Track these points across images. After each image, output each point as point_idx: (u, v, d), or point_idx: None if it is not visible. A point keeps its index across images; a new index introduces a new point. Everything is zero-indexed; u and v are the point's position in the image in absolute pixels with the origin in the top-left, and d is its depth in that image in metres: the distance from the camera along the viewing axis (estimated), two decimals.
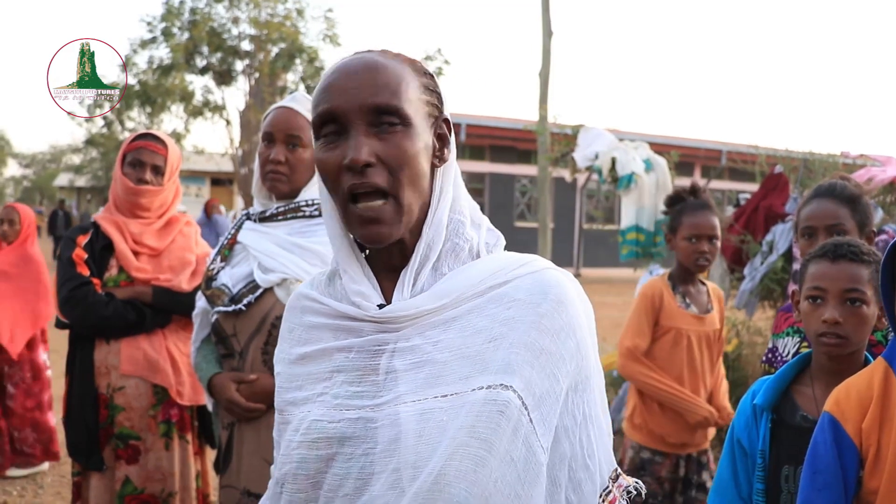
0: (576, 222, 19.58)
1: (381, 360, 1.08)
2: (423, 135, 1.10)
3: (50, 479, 4.62)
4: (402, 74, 1.10)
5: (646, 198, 6.26)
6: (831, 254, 1.83)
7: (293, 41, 18.78)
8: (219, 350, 2.17)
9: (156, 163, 2.76)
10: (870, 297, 1.79)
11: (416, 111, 1.09)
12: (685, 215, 3.00)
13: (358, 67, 1.09)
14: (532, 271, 1.12)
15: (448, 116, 1.18)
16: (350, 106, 1.06)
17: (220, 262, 2.19)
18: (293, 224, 2.14)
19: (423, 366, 1.06)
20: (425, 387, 1.05)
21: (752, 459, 1.85)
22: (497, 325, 1.07)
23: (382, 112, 1.06)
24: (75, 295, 2.61)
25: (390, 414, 1.04)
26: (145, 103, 19.29)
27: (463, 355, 1.05)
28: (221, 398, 2.08)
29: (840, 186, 2.26)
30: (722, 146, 19.31)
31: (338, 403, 1.08)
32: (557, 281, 1.11)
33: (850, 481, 1.58)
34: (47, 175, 51.41)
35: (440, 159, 1.15)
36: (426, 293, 1.10)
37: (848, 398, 1.62)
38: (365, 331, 1.11)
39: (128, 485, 2.64)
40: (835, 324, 1.77)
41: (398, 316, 1.09)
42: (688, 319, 3.03)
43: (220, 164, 23.84)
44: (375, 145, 1.06)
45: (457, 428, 1.00)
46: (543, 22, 13.13)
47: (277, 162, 2.10)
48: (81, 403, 2.65)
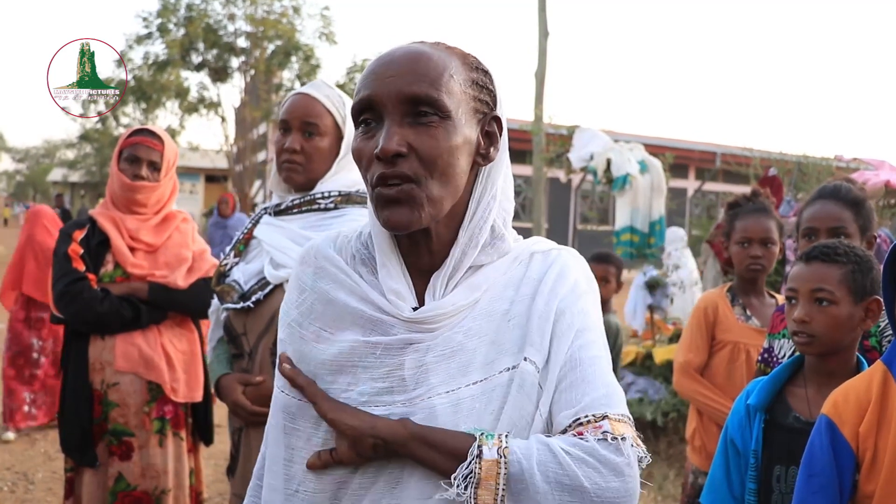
0: (570, 223, 19.60)
1: (412, 356, 1.07)
2: (463, 129, 1.07)
3: (41, 476, 4.61)
4: (447, 66, 1.07)
5: (640, 199, 6.29)
6: (806, 256, 1.89)
7: (289, 38, 18.75)
8: (230, 350, 2.08)
9: (152, 159, 2.75)
10: (839, 297, 1.81)
11: (457, 104, 1.06)
12: (738, 219, 2.82)
13: (400, 56, 1.07)
14: (537, 251, 1.17)
15: (501, 115, 1.15)
16: (386, 94, 1.04)
17: (234, 258, 2.11)
18: (308, 217, 2.04)
19: (453, 356, 1.07)
20: (458, 376, 1.06)
21: (745, 459, 1.87)
22: (513, 306, 1.10)
23: (419, 102, 1.04)
24: (71, 290, 2.60)
25: (425, 407, 1.04)
26: (140, 99, 19.23)
27: (489, 341, 1.08)
28: (228, 400, 2.00)
29: (845, 189, 2.26)
30: (717, 148, 19.34)
31: (365, 401, 1.07)
32: (560, 256, 1.16)
33: (846, 484, 1.58)
34: (41, 170, 51.18)
35: (485, 158, 1.11)
36: (459, 289, 1.11)
37: (846, 401, 1.63)
38: (396, 330, 1.09)
39: (121, 481, 2.63)
40: (802, 322, 1.82)
41: (435, 316, 1.08)
42: (747, 333, 2.76)
43: (215, 160, 23.78)
44: (409, 135, 1.04)
45: (488, 414, 1.04)
46: (540, 22, 13.12)
47: (293, 151, 2.00)
48: (75, 399, 2.64)
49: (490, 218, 1.12)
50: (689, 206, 20.20)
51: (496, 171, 1.14)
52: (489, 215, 1.12)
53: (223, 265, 2.11)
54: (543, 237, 1.23)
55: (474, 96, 1.10)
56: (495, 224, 1.13)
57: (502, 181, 1.15)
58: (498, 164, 1.14)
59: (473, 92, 1.10)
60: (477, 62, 1.13)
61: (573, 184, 16.08)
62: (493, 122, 1.13)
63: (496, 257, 1.14)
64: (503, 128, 1.14)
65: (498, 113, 1.14)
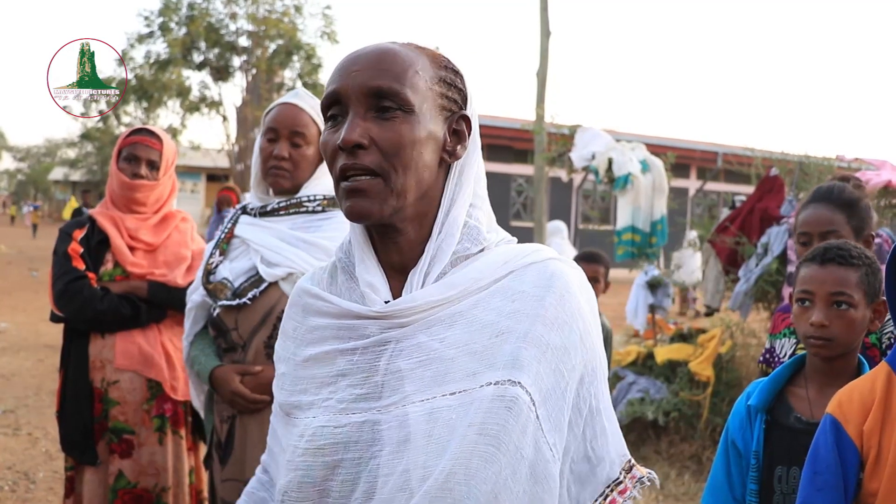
0: (572, 222, 19.60)
1: (386, 359, 1.06)
2: (427, 124, 1.07)
3: (42, 475, 4.61)
4: (413, 62, 1.08)
5: (642, 198, 6.28)
6: (820, 258, 1.85)
7: (291, 38, 18.77)
8: (219, 344, 2.16)
9: (151, 158, 2.75)
10: (857, 300, 1.80)
11: (422, 100, 1.07)
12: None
13: (367, 52, 1.08)
14: (535, 261, 1.11)
15: (469, 114, 1.15)
16: (351, 88, 1.06)
17: (219, 256, 2.19)
18: (296, 219, 2.14)
19: (429, 364, 1.04)
20: (432, 385, 1.03)
21: (746, 460, 1.86)
22: (503, 319, 1.05)
23: (382, 95, 1.05)
24: (71, 289, 2.61)
25: (398, 415, 1.03)
26: (142, 98, 19.25)
27: (470, 351, 1.04)
28: (225, 390, 2.07)
29: (838, 190, 2.25)
30: (718, 148, 19.35)
31: (343, 408, 1.07)
32: (561, 271, 1.10)
33: (851, 483, 1.58)
34: (42, 169, 51.26)
35: (452, 154, 1.12)
36: (433, 285, 1.08)
37: (850, 400, 1.63)
38: (370, 331, 1.08)
39: (121, 479, 2.63)
40: (821, 326, 1.79)
41: (405, 309, 1.06)
42: None
43: (217, 160, 23.79)
44: (371, 128, 1.05)
45: (466, 426, 0.99)
46: (542, 22, 13.13)
47: (281, 158, 2.11)
48: (76, 397, 2.64)
49: (463, 215, 1.12)
50: (691, 205, 20.20)
51: (468, 170, 1.14)
52: (463, 212, 1.12)
53: (209, 263, 2.19)
54: (542, 236, 1.20)
55: (442, 93, 1.10)
56: (469, 221, 1.13)
57: (475, 179, 1.16)
58: (470, 161, 1.15)
59: (441, 89, 1.10)
60: (447, 61, 1.14)
61: (575, 183, 16.10)
62: (461, 121, 1.13)
63: (475, 251, 1.12)
64: (472, 126, 1.15)
65: (468, 112, 1.14)
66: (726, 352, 5.41)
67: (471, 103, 1.16)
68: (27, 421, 5.68)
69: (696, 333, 5.94)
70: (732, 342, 5.52)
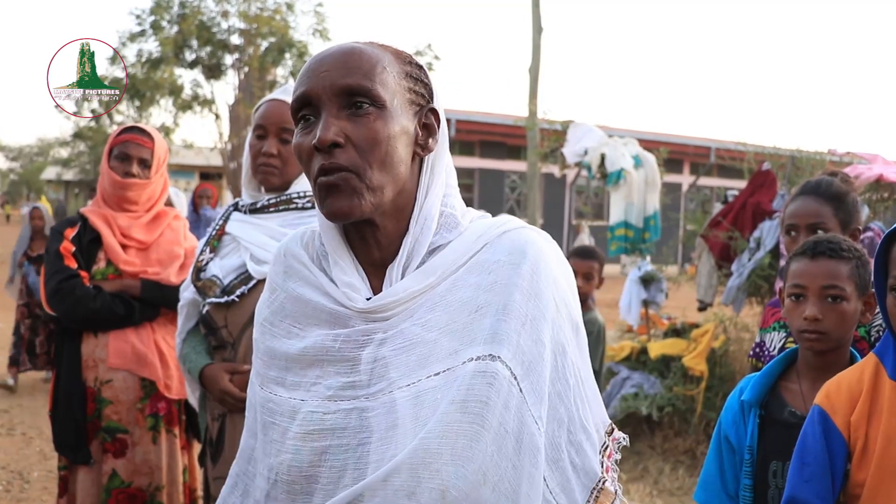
0: (565, 218, 19.62)
1: (371, 350, 1.07)
2: (399, 119, 1.08)
3: (36, 475, 4.60)
4: (380, 59, 1.09)
5: (635, 194, 6.28)
6: (811, 251, 1.86)
7: (283, 35, 18.69)
8: (209, 341, 2.16)
9: (142, 156, 2.75)
10: (849, 293, 1.81)
11: (392, 95, 1.08)
12: None
13: (334, 52, 1.10)
14: (507, 230, 1.13)
15: (437, 108, 1.17)
16: (322, 88, 1.06)
17: (210, 254, 2.19)
18: (286, 216, 2.14)
19: (412, 348, 1.05)
20: (417, 368, 1.04)
21: (740, 455, 1.87)
22: (482, 293, 1.06)
23: (354, 93, 1.06)
24: (63, 288, 2.60)
25: (385, 402, 1.04)
26: (134, 97, 19.16)
27: (451, 330, 1.05)
28: (214, 388, 2.07)
29: (826, 184, 2.27)
30: (711, 143, 19.35)
31: (331, 395, 1.08)
32: (534, 239, 1.12)
33: (838, 473, 1.59)
34: (34, 168, 51.01)
35: (424, 148, 1.13)
36: (412, 274, 1.10)
37: (838, 392, 1.64)
38: (353, 321, 1.10)
39: (115, 478, 2.63)
40: (815, 320, 1.80)
41: (388, 303, 1.08)
42: None
43: (210, 158, 23.71)
44: (345, 126, 1.05)
45: (447, 403, 0.99)
46: (533, 18, 13.14)
47: (270, 155, 2.11)
48: (69, 397, 2.64)
49: (438, 205, 1.14)
50: (684, 200, 20.23)
51: (439, 162, 1.16)
52: (438, 203, 1.14)
53: (200, 260, 2.19)
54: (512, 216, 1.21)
55: (409, 88, 1.12)
56: (444, 210, 1.15)
57: (446, 171, 1.17)
58: (440, 154, 1.16)
59: (408, 84, 1.12)
60: (409, 57, 1.16)
61: (568, 179, 16.08)
62: (430, 115, 1.15)
63: (451, 237, 1.13)
64: (441, 119, 1.16)
65: (435, 105, 1.16)
66: (720, 346, 5.43)
67: (437, 97, 1.17)
68: (21, 420, 5.68)
69: (689, 328, 5.95)
70: (726, 337, 5.54)
